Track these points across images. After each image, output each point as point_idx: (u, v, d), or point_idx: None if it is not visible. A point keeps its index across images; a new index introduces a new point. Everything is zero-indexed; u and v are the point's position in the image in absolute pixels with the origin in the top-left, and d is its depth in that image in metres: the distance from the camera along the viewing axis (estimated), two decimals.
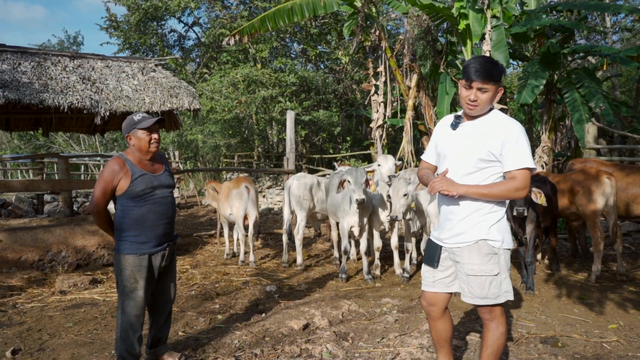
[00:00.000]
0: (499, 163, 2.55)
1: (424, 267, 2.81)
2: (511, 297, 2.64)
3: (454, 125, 2.66)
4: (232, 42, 11.03)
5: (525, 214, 4.86)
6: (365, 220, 5.83)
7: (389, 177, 5.58)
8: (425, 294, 2.80)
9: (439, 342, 2.86)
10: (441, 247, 2.71)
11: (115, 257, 3.15)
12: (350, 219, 5.72)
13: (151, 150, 3.15)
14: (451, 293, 2.77)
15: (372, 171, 5.80)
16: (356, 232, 5.79)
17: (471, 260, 2.58)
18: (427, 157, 2.90)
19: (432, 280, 2.75)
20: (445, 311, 2.81)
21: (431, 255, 2.73)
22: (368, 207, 5.84)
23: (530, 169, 2.50)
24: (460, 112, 2.72)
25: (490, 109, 2.63)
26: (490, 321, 2.64)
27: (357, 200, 5.24)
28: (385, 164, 5.78)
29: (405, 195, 5.11)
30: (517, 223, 5.29)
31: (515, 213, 4.76)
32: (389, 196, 5.29)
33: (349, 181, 5.33)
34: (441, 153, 2.73)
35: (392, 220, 5.30)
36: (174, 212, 3.30)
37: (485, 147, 2.53)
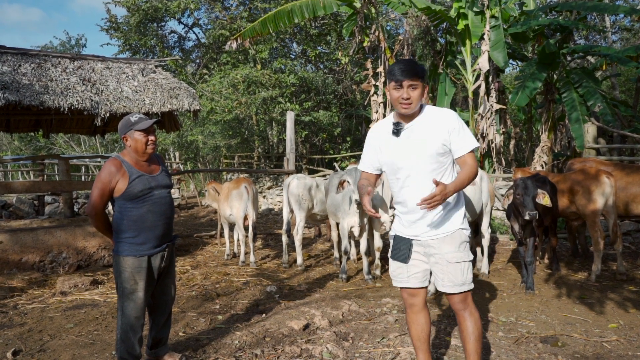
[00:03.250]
0: (449, 152, 2.69)
1: (394, 264, 2.82)
2: None
3: (397, 132, 2.70)
4: (234, 45, 11.06)
5: (537, 217, 4.74)
6: (365, 220, 5.83)
7: None
8: (404, 289, 2.85)
9: (419, 340, 2.86)
10: (411, 242, 2.74)
11: (114, 259, 3.15)
12: (350, 219, 5.73)
13: (148, 152, 3.14)
14: (426, 287, 2.86)
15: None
16: (356, 232, 5.80)
17: (451, 249, 2.68)
18: (368, 167, 2.90)
19: (407, 276, 2.79)
20: (425, 305, 2.86)
21: (402, 251, 2.75)
22: None
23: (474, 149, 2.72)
24: (393, 119, 2.75)
25: (421, 106, 2.72)
26: (464, 310, 2.72)
27: (356, 200, 5.25)
28: None
29: None
30: (518, 223, 5.30)
31: (528, 217, 4.63)
32: None
33: (348, 181, 5.34)
34: (392, 163, 2.74)
35: None
36: (172, 213, 3.29)
37: (439, 140, 2.64)
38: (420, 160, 2.66)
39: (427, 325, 2.86)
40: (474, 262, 4.65)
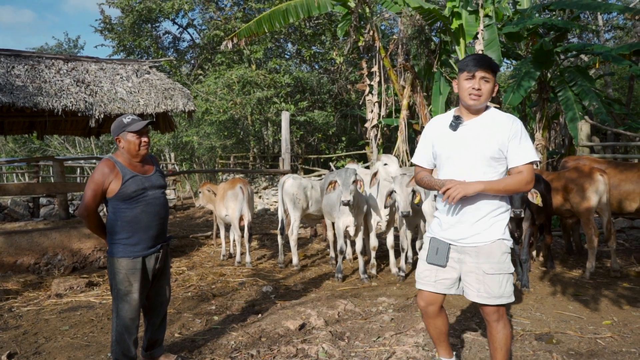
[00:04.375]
0: (505, 159, 2.57)
1: (425, 265, 2.73)
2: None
3: (454, 126, 2.61)
4: (229, 45, 11.05)
5: (523, 215, 4.81)
6: (360, 220, 5.84)
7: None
8: (423, 294, 2.75)
9: (438, 338, 2.85)
10: (449, 245, 2.66)
11: (108, 260, 3.15)
12: (345, 219, 5.74)
13: (141, 153, 3.14)
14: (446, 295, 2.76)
15: (376, 173, 5.76)
16: (352, 231, 5.81)
17: (490, 259, 2.57)
18: (421, 160, 2.81)
19: (434, 280, 2.69)
20: (442, 308, 2.81)
21: (440, 253, 2.66)
22: (363, 207, 5.85)
23: (533, 162, 2.57)
24: (454, 112, 2.66)
25: (487, 107, 2.63)
26: (497, 322, 2.62)
27: (342, 201, 5.26)
28: (392, 163, 5.75)
29: (412, 190, 5.15)
30: (513, 222, 5.31)
31: (512, 215, 4.69)
32: (392, 192, 5.29)
33: (337, 182, 5.35)
34: (442, 155, 2.66)
35: (404, 217, 5.28)
36: (166, 213, 3.29)
37: (496, 144, 2.53)
38: (473, 160, 2.55)
39: (445, 326, 2.83)
40: None
